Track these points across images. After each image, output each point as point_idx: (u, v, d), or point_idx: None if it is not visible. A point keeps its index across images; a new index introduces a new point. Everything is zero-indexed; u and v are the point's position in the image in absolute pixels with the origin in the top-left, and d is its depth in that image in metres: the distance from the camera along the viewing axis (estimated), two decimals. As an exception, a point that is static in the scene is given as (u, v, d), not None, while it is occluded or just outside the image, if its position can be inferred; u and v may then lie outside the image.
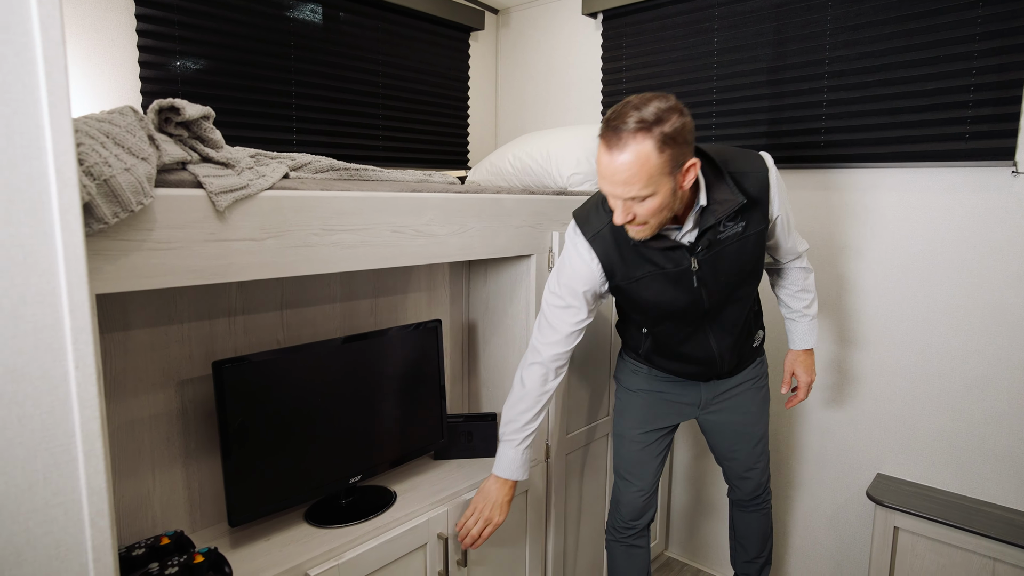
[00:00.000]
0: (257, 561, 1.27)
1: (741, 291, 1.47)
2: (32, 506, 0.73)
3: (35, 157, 0.70)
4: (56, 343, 0.73)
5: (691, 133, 1.21)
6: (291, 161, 1.33)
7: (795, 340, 1.69)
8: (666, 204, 1.23)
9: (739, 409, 1.65)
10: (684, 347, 1.54)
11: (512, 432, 1.48)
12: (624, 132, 1.15)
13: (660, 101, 1.18)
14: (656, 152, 1.15)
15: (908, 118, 1.76)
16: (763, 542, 1.84)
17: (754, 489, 1.75)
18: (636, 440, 1.68)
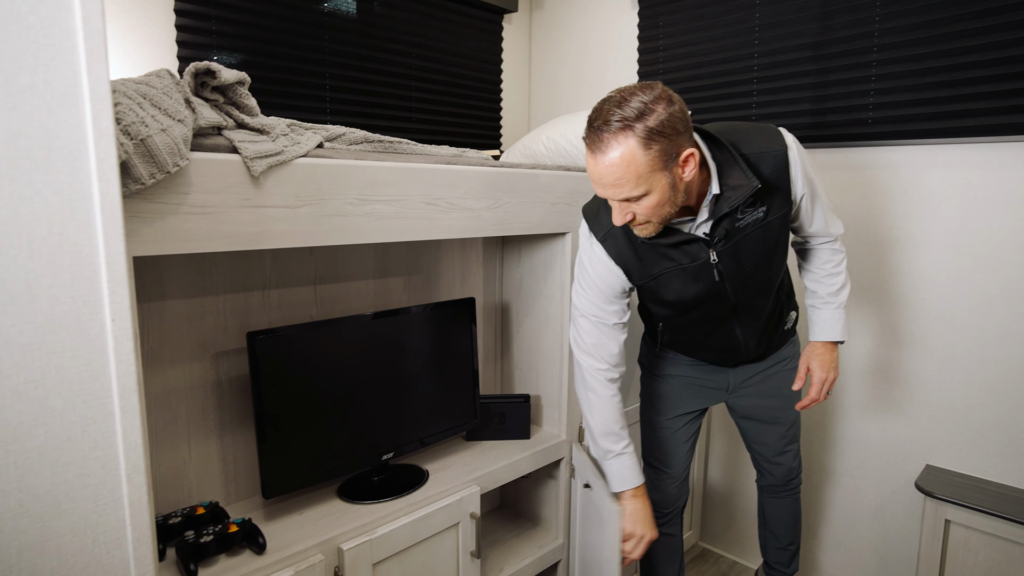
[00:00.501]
0: (290, 534, 1.26)
1: (768, 278, 1.39)
2: (71, 458, 0.73)
3: (72, 104, 0.69)
4: (93, 295, 0.73)
5: (683, 121, 1.11)
6: (325, 132, 1.31)
7: (816, 330, 1.50)
8: (665, 200, 1.14)
9: (770, 392, 1.58)
10: (708, 339, 1.49)
11: (612, 443, 1.44)
12: (605, 133, 1.08)
13: (643, 93, 1.09)
14: (641, 149, 1.07)
15: (966, 90, 1.67)
16: (794, 528, 1.78)
17: (786, 474, 1.69)
18: (664, 426, 1.63)
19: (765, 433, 1.65)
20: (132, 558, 0.80)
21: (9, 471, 0.69)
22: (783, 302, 1.52)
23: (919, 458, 1.88)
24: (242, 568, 1.13)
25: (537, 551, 1.73)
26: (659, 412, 1.63)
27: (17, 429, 0.69)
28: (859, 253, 1.93)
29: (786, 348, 1.58)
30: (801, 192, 1.33)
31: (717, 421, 2.34)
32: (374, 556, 1.28)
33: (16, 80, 0.65)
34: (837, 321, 1.49)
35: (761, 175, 1.24)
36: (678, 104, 1.10)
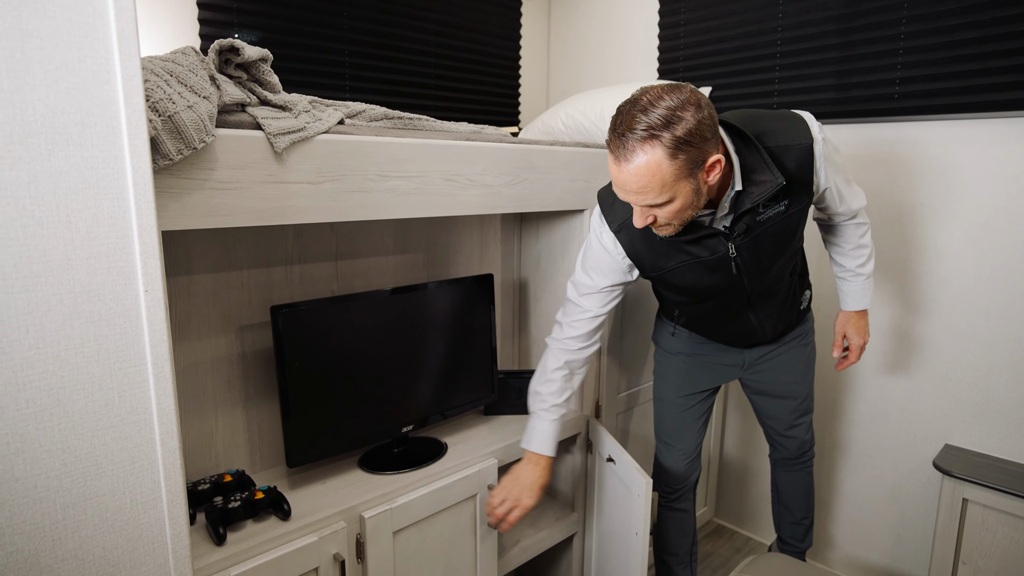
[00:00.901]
0: (314, 502, 1.30)
1: (784, 266, 1.39)
2: (109, 422, 0.76)
3: (105, 81, 0.71)
4: (127, 266, 0.76)
5: (710, 127, 1.06)
6: (346, 108, 1.33)
7: (847, 301, 1.58)
8: (688, 205, 1.12)
9: (784, 368, 1.59)
10: (723, 326, 1.50)
11: (541, 408, 1.44)
12: (631, 140, 1.04)
13: (671, 97, 1.04)
14: (668, 160, 1.03)
15: (996, 63, 1.63)
16: (808, 501, 1.80)
17: (798, 447, 1.71)
18: (676, 403, 1.64)
19: (778, 407, 1.66)
20: (167, 518, 0.83)
21: (53, 433, 0.72)
22: (796, 284, 1.51)
23: (938, 437, 1.87)
24: (268, 533, 1.18)
25: (553, 523, 1.76)
26: (672, 390, 1.64)
27: (60, 393, 0.72)
28: (883, 230, 1.90)
29: (801, 326, 1.59)
30: (825, 185, 1.31)
31: (733, 398, 2.34)
32: (394, 524, 1.32)
33: (53, 58, 0.67)
34: (867, 291, 1.55)
35: (785, 170, 1.21)
36: (707, 109, 1.06)
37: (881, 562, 2.04)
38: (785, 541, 1.87)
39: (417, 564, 1.38)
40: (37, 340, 0.70)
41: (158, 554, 0.83)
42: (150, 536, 0.82)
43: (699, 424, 1.67)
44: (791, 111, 1.28)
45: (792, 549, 1.86)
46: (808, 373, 1.63)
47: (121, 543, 0.80)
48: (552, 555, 1.89)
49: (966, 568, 1.67)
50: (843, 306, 1.60)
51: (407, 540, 1.36)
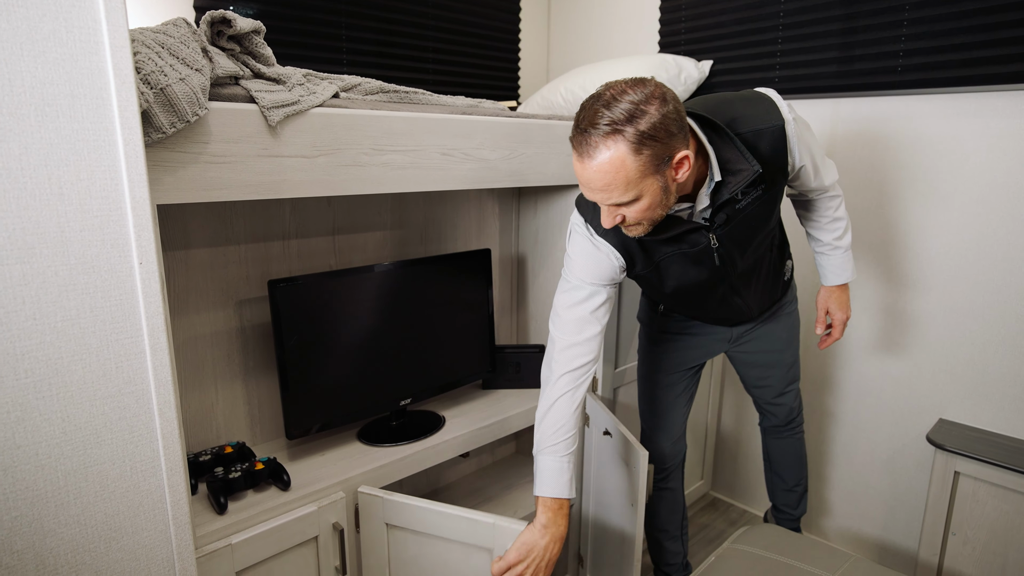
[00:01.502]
0: (313, 473, 1.33)
1: (764, 246, 1.37)
2: (107, 392, 0.78)
3: (93, 52, 0.71)
4: (121, 239, 0.76)
5: (676, 121, 1.02)
6: (341, 82, 1.32)
7: (828, 275, 1.55)
8: (657, 203, 1.08)
9: (769, 338, 1.60)
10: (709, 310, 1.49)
11: (550, 444, 1.26)
12: (593, 136, 1.00)
13: (635, 92, 1.00)
14: (632, 155, 0.99)
15: (1004, 34, 1.60)
16: (800, 469, 1.82)
17: (787, 414, 1.72)
18: (662, 383, 1.64)
19: (765, 377, 1.67)
20: (167, 486, 0.85)
21: (52, 402, 0.74)
22: (777, 257, 1.49)
23: (932, 412, 1.89)
24: (268, 503, 1.20)
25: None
26: (658, 369, 1.64)
27: (58, 364, 0.73)
28: (882, 204, 1.90)
29: (784, 296, 1.59)
30: (800, 163, 1.28)
31: (729, 372, 2.36)
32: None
33: (40, 28, 0.66)
34: (846, 265, 1.53)
35: (760, 154, 1.18)
36: (672, 103, 1.02)
37: (873, 533, 2.07)
38: (779, 509, 1.90)
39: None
40: (34, 311, 0.71)
41: (159, 520, 0.86)
42: (151, 503, 0.84)
43: (684, 401, 1.67)
44: (757, 92, 1.24)
45: (787, 516, 1.89)
46: (793, 341, 1.64)
47: (122, 509, 0.82)
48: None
49: (956, 539, 1.70)
50: (824, 281, 1.57)
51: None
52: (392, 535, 1.32)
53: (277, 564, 1.18)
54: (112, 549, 0.82)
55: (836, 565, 1.34)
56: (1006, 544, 1.62)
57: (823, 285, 1.58)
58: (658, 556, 1.83)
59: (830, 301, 1.57)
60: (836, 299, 1.57)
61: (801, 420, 1.77)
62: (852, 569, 1.33)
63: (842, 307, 1.57)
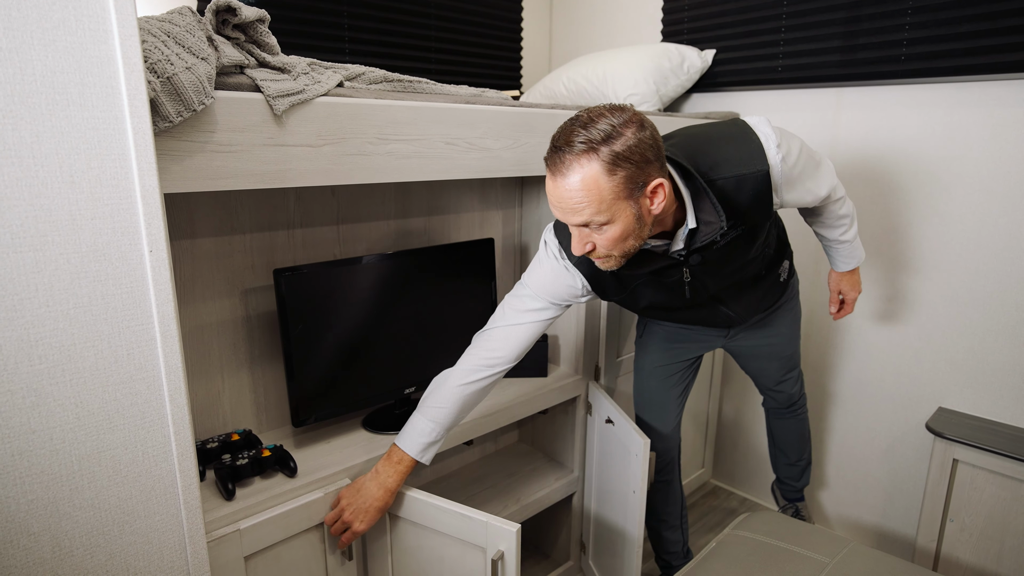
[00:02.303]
0: (319, 460, 1.34)
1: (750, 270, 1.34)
2: (119, 378, 0.79)
3: (102, 40, 0.71)
4: (131, 227, 0.77)
5: (652, 148, 1.01)
6: (345, 71, 1.32)
7: (838, 263, 1.58)
8: (629, 232, 1.04)
9: (769, 332, 1.61)
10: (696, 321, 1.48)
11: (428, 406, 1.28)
12: (568, 154, 0.99)
13: (613, 116, 1.00)
14: (605, 175, 0.98)
15: (1007, 23, 1.60)
16: (802, 445, 1.86)
17: (787, 400, 1.76)
18: (656, 375, 1.65)
19: (764, 368, 1.70)
20: (178, 471, 0.87)
21: (66, 387, 0.75)
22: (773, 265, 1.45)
23: (932, 400, 1.90)
24: (275, 489, 1.22)
25: (553, 483, 1.81)
26: (654, 362, 1.65)
27: (71, 350, 0.74)
28: (884, 194, 1.90)
29: (784, 295, 1.58)
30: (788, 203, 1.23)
31: (730, 361, 2.37)
32: (398, 481, 1.36)
33: (49, 16, 0.67)
34: (854, 252, 1.55)
35: (737, 202, 1.13)
36: (649, 130, 1.01)
37: (872, 520, 2.09)
38: (783, 481, 1.95)
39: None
40: (47, 298, 0.72)
41: (170, 504, 0.87)
42: (162, 487, 0.86)
43: (679, 394, 1.67)
44: (745, 129, 1.17)
45: (790, 488, 1.95)
46: (793, 335, 1.65)
47: (135, 493, 0.83)
48: (552, 513, 1.95)
49: (953, 525, 1.72)
50: (834, 267, 1.61)
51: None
52: (394, 524, 1.34)
53: (284, 549, 1.20)
54: (125, 532, 0.83)
55: (835, 551, 1.36)
56: (1003, 530, 1.64)
57: (833, 271, 1.62)
58: (658, 545, 1.85)
59: (842, 283, 1.61)
60: (847, 281, 1.61)
61: (803, 403, 1.80)
62: (851, 555, 1.35)
63: (854, 286, 1.61)
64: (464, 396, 1.29)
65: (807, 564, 1.32)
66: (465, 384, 1.28)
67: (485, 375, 1.29)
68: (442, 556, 1.29)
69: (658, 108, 2.13)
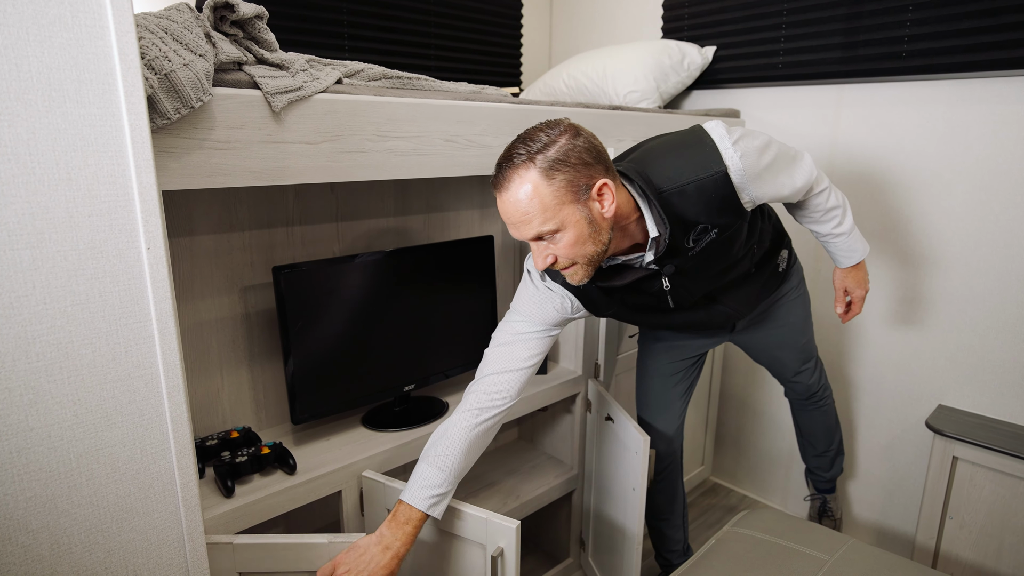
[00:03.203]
0: (318, 457, 1.34)
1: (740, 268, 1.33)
2: (116, 376, 0.79)
3: (99, 37, 0.71)
4: (129, 224, 0.77)
5: (591, 152, 1.03)
6: (344, 68, 1.31)
7: (839, 259, 1.50)
8: (584, 236, 1.05)
9: (777, 322, 1.58)
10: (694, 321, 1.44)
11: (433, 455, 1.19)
12: (508, 169, 1.03)
13: (549, 128, 1.04)
14: (544, 180, 1.01)
15: (1008, 19, 1.59)
16: (829, 435, 1.84)
17: (806, 390, 1.74)
18: (659, 375, 1.64)
19: (778, 359, 1.67)
20: (176, 468, 0.87)
21: (64, 385, 0.75)
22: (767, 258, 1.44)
23: (932, 398, 1.90)
24: (275, 486, 1.22)
25: (553, 480, 1.81)
26: (656, 359, 1.64)
27: (68, 347, 0.74)
28: (884, 192, 1.90)
29: (785, 284, 1.55)
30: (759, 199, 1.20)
31: (731, 357, 2.37)
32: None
33: (46, 12, 0.66)
34: (854, 246, 1.46)
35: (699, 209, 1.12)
36: (584, 137, 1.04)
37: (872, 517, 2.09)
38: (812, 471, 1.94)
39: (419, 516, 1.43)
40: (44, 295, 0.72)
41: (169, 502, 0.87)
42: (161, 485, 0.86)
43: (682, 392, 1.66)
44: (699, 134, 1.16)
45: (820, 478, 1.93)
46: (803, 324, 1.61)
47: (133, 491, 0.83)
48: (551, 510, 1.95)
49: (953, 522, 1.72)
50: (836, 264, 1.53)
51: (409, 494, 1.40)
52: None
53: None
54: (124, 529, 0.83)
55: (834, 548, 1.36)
56: (1002, 527, 1.64)
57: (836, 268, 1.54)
58: (659, 543, 1.85)
59: (847, 280, 1.53)
60: (852, 277, 1.53)
61: (825, 393, 1.77)
62: (850, 552, 1.35)
63: (860, 284, 1.52)
64: (471, 440, 1.20)
65: (806, 561, 1.32)
66: (470, 427, 1.21)
67: (489, 416, 1.23)
68: (442, 553, 1.29)
69: (658, 105, 2.12)
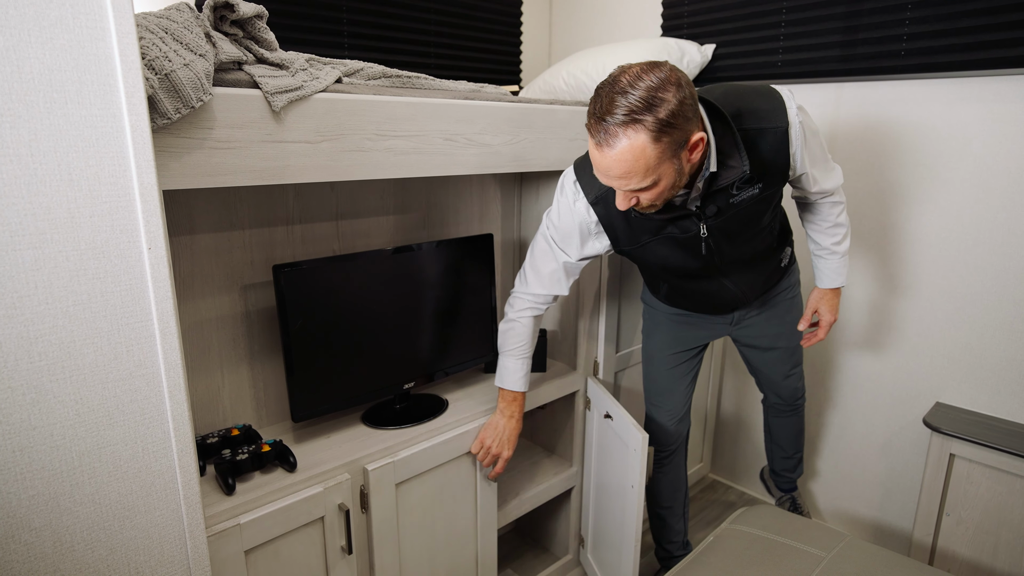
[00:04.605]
0: (318, 455, 1.35)
1: (758, 245, 1.39)
2: (118, 375, 0.79)
3: (100, 38, 0.71)
4: (130, 224, 0.77)
5: (692, 106, 1.03)
6: (344, 67, 1.32)
7: (823, 278, 1.57)
8: (672, 185, 1.10)
9: (771, 321, 1.63)
10: (702, 295, 1.51)
11: (510, 348, 1.48)
12: (612, 125, 1.01)
13: (650, 77, 1.00)
14: (652, 144, 1.01)
15: (1007, 18, 1.59)
16: (799, 439, 1.91)
17: (790, 395, 1.78)
18: (665, 360, 1.68)
19: (769, 361, 1.71)
20: (178, 467, 0.87)
21: (66, 384, 0.75)
22: (775, 248, 1.50)
23: (930, 396, 1.91)
24: (275, 484, 1.22)
25: (552, 477, 1.82)
26: (661, 347, 1.68)
27: (70, 347, 0.75)
28: (882, 190, 1.90)
29: (785, 280, 1.61)
30: (801, 171, 1.31)
31: (730, 355, 2.38)
32: (397, 477, 1.37)
33: (47, 14, 0.67)
34: (841, 270, 1.55)
35: (759, 154, 1.19)
36: (687, 88, 1.02)
37: (870, 514, 2.10)
38: (777, 472, 1.99)
39: (419, 515, 1.44)
40: (46, 295, 0.73)
41: (170, 500, 0.88)
42: (162, 483, 0.86)
43: (687, 381, 1.71)
44: (771, 88, 1.24)
45: (784, 479, 1.99)
46: (794, 327, 1.66)
47: (135, 489, 0.84)
48: (551, 507, 1.96)
49: (950, 519, 1.73)
50: (818, 283, 1.59)
51: (409, 492, 1.41)
52: (400, 494, 1.38)
53: (284, 544, 1.20)
54: (126, 527, 0.84)
55: (832, 544, 1.37)
56: (999, 524, 1.65)
57: (816, 287, 1.60)
58: (660, 533, 1.86)
59: (822, 303, 1.59)
60: (828, 302, 1.58)
61: (803, 399, 1.83)
62: (847, 548, 1.36)
63: (831, 310, 1.58)
64: (532, 328, 1.49)
65: (804, 558, 1.33)
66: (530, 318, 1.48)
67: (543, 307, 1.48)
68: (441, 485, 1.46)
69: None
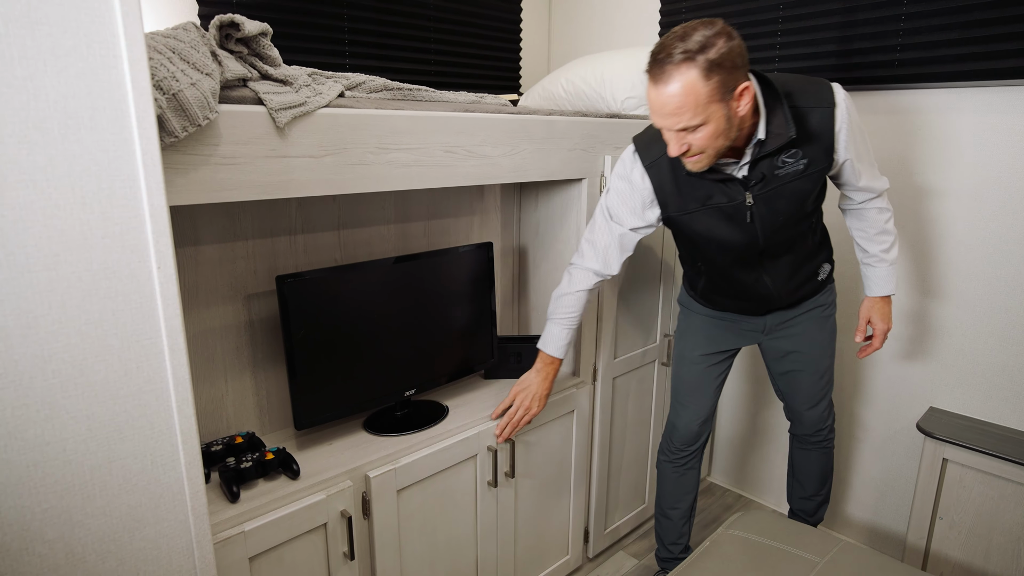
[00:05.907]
0: (321, 462, 1.37)
1: (799, 229, 1.45)
2: (128, 391, 0.81)
3: (112, 66, 0.73)
4: (140, 245, 0.79)
5: (741, 56, 1.18)
6: (346, 80, 1.34)
7: (872, 286, 1.60)
8: (721, 131, 1.21)
9: (805, 337, 1.63)
10: (739, 285, 1.54)
11: (560, 316, 1.55)
12: (668, 64, 1.15)
13: (705, 28, 1.16)
14: (702, 80, 1.15)
15: (999, 30, 1.62)
16: (822, 481, 1.81)
17: (815, 423, 1.73)
18: (697, 362, 1.70)
19: (799, 384, 1.68)
20: (186, 479, 0.89)
21: (78, 401, 0.77)
22: (814, 247, 1.54)
23: (923, 401, 1.93)
24: (279, 491, 1.24)
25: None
26: (693, 348, 1.70)
27: (82, 364, 0.77)
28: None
29: (822, 296, 1.62)
30: (845, 156, 1.38)
31: (737, 362, 2.40)
32: (398, 483, 1.39)
33: (62, 44, 0.69)
34: (891, 277, 1.59)
35: (806, 127, 1.31)
36: (737, 40, 1.17)
37: (864, 518, 2.13)
38: (795, 513, 1.91)
39: (420, 521, 1.46)
40: (60, 315, 0.75)
41: (178, 511, 0.90)
42: (171, 495, 0.88)
43: (716, 384, 1.72)
44: (820, 78, 1.36)
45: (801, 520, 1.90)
46: (828, 348, 1.65)
47: (144, 501, 0.86)
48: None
49: (943, 523, 1.75)
50: (868, 292, 1.62)
51: (411, 498, 1.43)
52: (401, 500, 1.40)
53: (288, 550, 1.23)
54: (135, 539, 0.86)
55: (826, 549, 1.39)
56: (991, 528, 1.68)
57: (867, 296, 1.62)
58: (665, 534, 1.86)
59: (873, 312, 1.62)
60: (879, 310, 1.61)
61: (831, 434, 1.76)
62: (842, 553, 1.38)
63: (884, 318, 1.61)
64: (583, 301, 1.55)
65: (798, 563, 1.35)
66: (584, 291, 1.54)
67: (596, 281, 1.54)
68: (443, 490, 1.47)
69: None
